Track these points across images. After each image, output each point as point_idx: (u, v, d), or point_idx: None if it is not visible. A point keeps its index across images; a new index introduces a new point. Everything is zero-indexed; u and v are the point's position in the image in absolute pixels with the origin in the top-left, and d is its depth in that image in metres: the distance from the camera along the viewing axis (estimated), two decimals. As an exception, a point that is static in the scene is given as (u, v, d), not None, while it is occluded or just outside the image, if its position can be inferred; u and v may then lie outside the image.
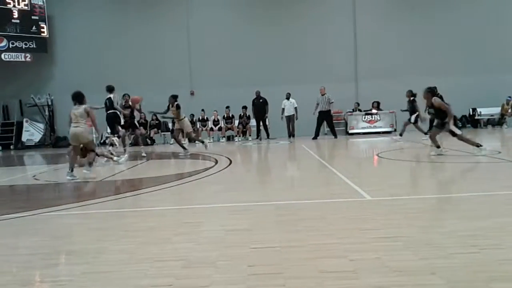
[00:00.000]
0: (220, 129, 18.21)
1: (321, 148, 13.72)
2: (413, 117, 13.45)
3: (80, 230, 4.76)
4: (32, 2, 18.13)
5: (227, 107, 17.80)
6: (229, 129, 18.14)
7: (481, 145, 9.05)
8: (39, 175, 9.67)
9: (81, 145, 8.64)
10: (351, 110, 18.42)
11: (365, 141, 15.50)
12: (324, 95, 16.46)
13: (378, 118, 17.49)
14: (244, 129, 17.89)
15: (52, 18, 18.88)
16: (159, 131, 18.24)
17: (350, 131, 18.08)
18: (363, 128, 17.88)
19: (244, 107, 17.60)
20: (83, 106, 8.43)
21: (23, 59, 18.25)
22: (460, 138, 9.31)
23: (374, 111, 17.81)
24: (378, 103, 17.86)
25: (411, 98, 13.47)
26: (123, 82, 18.32)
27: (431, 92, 9.40)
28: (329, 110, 16.47)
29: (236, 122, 17.90)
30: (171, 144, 17.44)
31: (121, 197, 6.45)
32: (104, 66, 18.49)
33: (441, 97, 9.60)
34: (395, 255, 3.41)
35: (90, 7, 18.78)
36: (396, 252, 3.48)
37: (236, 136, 17.97)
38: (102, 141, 18.25)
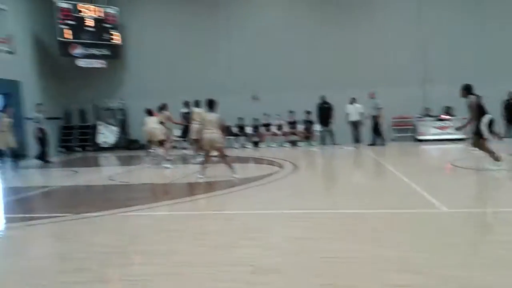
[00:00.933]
0: (283, 134, 18.23)
1: (389, 155, 13.29)
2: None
3: (153, 231, 4.94)
4: (106, 11, 19.18)
5: (291, 111, 17.77)
6: (292, 134, 18.10)
7: (499, 160, 8.22)
8: (114, 176, 10.17)
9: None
10: (420, 116, 17.70)
11: (437, 148, 14.82)
12: (372, 99, 16.22)
13: (451, 124, 16.64)
14: (308, 134, 17.78)
15: (125, 26, 19.86)
16: (224, 135, 18.56)
17: (420, 138, 17.37)
18: (433, 134, 17.09)
19: (308, 112, 17.50)
20: (217, 114, 8.87)
21: (97, 66, 19.35)
22: (481, 143, 8.32)
23: (445, 116, 16.99)
24: (449, 108, 17.01)
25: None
26: (191, 86, 18.90)
27: (467, 89, 8.50)
28: (377, 116, 16.29)
29: (300, 127, 17.81)
30: (235, 148, 17.70)
31: (191, 199, 6.63)
32: (173, 72, 19.15)
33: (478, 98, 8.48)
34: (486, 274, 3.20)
35: (161, 15, 19.53)
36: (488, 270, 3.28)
37: (299, 141, 17.89)
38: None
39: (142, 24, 19.68)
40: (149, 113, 12.02)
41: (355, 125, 16.60)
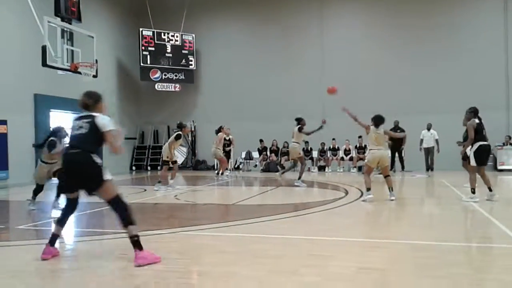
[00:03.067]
0: (351, 159, 17.76)
1: (465, 184, 12.40)
2: None
3: (212, 252, 4.90)
4: (184, 37, 20.14)
5: (360, 136, 17.29)
6: (361, 159, 17.57)
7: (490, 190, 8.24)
8: (180, 195, 10.38)
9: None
10: (501, 144, 16.47)
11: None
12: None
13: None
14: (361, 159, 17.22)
15: (199, 52, 20.69)
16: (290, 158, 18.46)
17: (500, 167, 16.12)
18: (516, 164, 15.85)
19: (360, 137, 17.07)
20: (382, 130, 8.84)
21: (172, 89, 20.24)
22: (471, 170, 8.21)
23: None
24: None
25: None
26: (257, 109, 19.09)
27: (474, 112, 8.29)
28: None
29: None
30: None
31: (251, 222, 6.55)
32: (243, 95, 19.53)
33: (479, 121, 8.22)
34: None
35: (232, 41, 20.10)
36: None
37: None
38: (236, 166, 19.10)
39: (214, 48, 20.36)
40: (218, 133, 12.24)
41: (429, 151, 15.80)
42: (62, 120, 17.14)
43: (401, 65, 17.93)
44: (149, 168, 20.36)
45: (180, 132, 11.46)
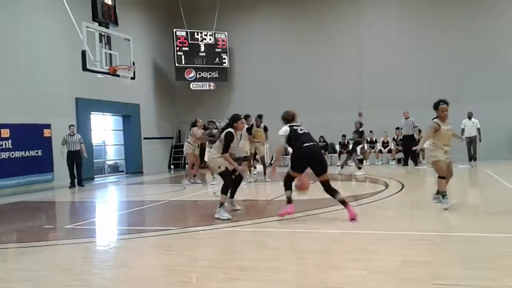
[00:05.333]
0: (389, 151, 17.39)
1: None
2: None
3: (254, 248, 4.92)
4: (216, 36, 20.28)
5: (397, 128, 16.92)
6: (399, 151, 17.19)
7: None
8: (218, 192, 10.44)
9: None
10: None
11: None
12: (407, 118, 15.32)
13: None
14: (417, 152, 16.75)
15: (232, 50, 20.77)
16: (327, 152, 18.29)
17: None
18: None
19: (415, 127, 16.62)
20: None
21: (207, 88, 20.43)
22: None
23: None
24: None
25: None
26: (293, 105, 18.99)
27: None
28: (413, 135, 15.07)
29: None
30: (338, 165, 17.28)
31: (291, 217, 6.52)
32: (277, 92, 19.46)
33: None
34: None
35: (265, 36, 20.03)
36: None
37: (407, 159, 16.90)
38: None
39: (247, 45, 20.38)
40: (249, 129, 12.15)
41: (471, 141, 15.28)
42: (102, 121, 17.74)
43: (439, 55, 17.39)
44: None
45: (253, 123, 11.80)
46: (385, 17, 18.53)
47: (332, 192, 6.22)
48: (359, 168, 13.62)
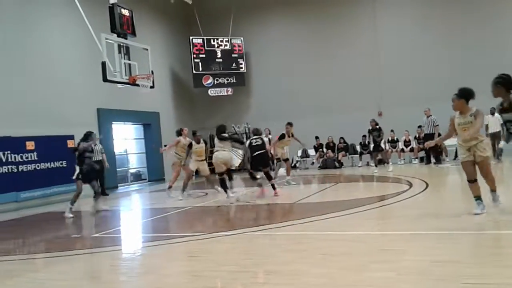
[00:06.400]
0: (411, 150, 17.17)
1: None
2: None
3: (279, 251, 4.91)
4: (232, 41, 20.41)
5: (419, 126, 16.68)
6: (422, 149, 16.94)
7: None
8: (240, 197, 10.48)
9: None
10: None
11: None
12: (429, 117, 15.02)
13: None
14: (439, 150, 16.49)
15: (249, 55, 20.86)
16: (347, 153, 18.16)
17: None
18: None
19: (436, 125, 16.38)
20: None
21: (225, 93, 20.56)
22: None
23: None
24: None
25: None
26: (311, 108, 18.96)
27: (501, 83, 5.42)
28: (433, 134, 14.69)
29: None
30: (359, 167, 17.14)
31: (315, 220, 6.50)
32: (295, 94, 19.46)
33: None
34: None
35: (281, 40, 20.06)
36: None
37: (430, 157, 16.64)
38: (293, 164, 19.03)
39: (263, 49, 20.45)
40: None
41: (495, 137, 14.96)
42: (123, 130, 18.00)
43: (456, 51, 17.10)
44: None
45: (284, 132, 11.65)
46: (400, 14, 18.35)
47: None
48: (376, 166, 13.71)
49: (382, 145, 14.78)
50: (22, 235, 7.82)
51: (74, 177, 9.27)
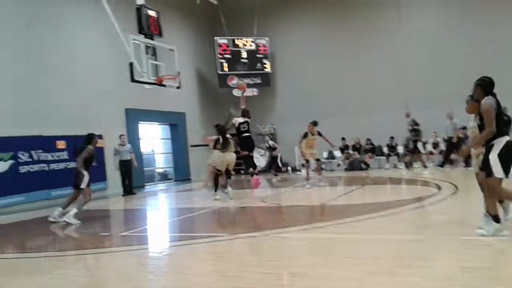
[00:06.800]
0: (440, 152, 16.81)
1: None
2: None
3: (306, 253, 4.90)
4: (257, 42, 20.45)
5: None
6: (452, 152, 16.57)
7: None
8: (266, 198, 10.52)
9: None
10: None
11: None
12: (451, 120, 14.22)
13: None
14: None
15: (273, 54, 20.86)
16: (374, 155, 17.94)
17: None
18: None
19: (463, 128, 16.00)
20: None
21: (250, 94, 20.61)
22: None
23: None
24: None
25: None
26: (337, 108, 18.82)
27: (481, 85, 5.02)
28: (452, 138, 14.04)
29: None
30: (386, 169, 16.91)
31: (341, 222, 6.45)
32: (320, 94, 19.34)
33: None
34: None
35: (306, 40, 19.96)
36: None
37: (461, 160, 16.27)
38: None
39: (288, 49, 20.40)
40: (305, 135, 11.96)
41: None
42: (150, 130, 18.27)
43: (484, 50, 16.63)
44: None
45: (307, 131, 11.62)
46: (426, 14, 18.00)
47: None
48: (407, 167, 13.49)
49: (419, 147, 14.49)
50: (53, 232, 8.03)
51: (85, 185, 8.49)
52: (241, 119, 10.97)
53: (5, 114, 11.53)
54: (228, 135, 10.58)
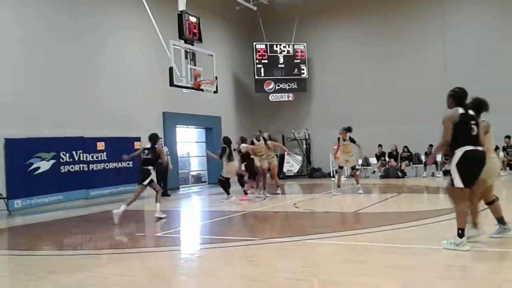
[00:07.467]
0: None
1: None
2: None
3: (338, 261, 4.82)
4: (295, 47, 20.42)
5: (508, 136, 15.69)
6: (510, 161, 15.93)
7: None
8: (299, 204, 10.45)
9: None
10: None
11: None
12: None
13: None
14: (511, 161, 15.47)
15: (311, 60, 20.76)
16: (411, 163, 17.50)
17: None
18: None
19: (508, 137, 15.41)
20: None
21: (286, 99, 20.58)
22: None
23: None
24: None
25: None
26: (374, 115, 18.53)
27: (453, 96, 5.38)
28: None
29: (501, 153, 15.58)
30: (423, 177, 16.47)
31: (375, 230, 6.32)
32: (356, 100, 19.09)
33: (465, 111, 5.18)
34: None
35: (344, 46, 19.77)
36: None
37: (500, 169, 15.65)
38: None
39: (325, 55, 20.28)
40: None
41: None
42: (186, 134, 18.53)
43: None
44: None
45: (339, 136, 11.84)
46: (469, 23, 17.44)
47: None
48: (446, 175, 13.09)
49: None
50: (90, 231, 8.26)
51: (147, 182, 8.97)
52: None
53: (49, 116, 12.07)
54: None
